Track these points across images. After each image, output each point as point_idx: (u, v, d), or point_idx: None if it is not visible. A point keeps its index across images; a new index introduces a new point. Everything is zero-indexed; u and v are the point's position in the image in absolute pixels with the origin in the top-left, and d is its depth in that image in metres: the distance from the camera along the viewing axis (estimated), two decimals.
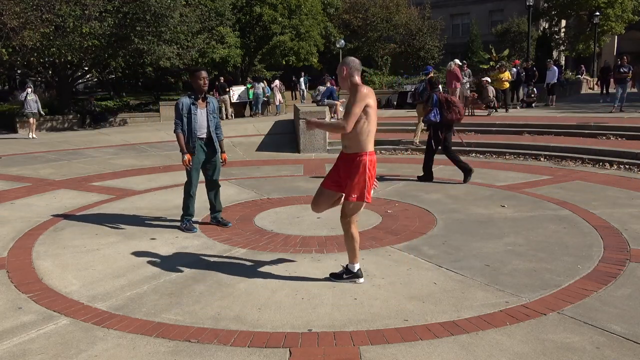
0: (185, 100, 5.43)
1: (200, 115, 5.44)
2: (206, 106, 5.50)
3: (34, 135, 15.40)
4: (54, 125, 18.50)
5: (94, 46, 16.27)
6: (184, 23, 18.13)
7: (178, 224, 5.79)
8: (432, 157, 8.12)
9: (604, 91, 20.63)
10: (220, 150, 5.70)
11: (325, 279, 4.10)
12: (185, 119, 5.39)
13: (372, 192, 3.94)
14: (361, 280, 4.06)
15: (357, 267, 4.06)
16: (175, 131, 5.47)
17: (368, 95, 3.76)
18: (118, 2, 16.54)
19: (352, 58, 3.96)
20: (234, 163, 10.09)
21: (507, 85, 16.14)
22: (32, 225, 5.90)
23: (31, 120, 15.47)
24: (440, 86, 10.28)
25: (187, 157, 5.41)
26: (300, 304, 3.67)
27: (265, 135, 14.38)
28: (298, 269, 4.34)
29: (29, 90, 15.80)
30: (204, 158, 5.57)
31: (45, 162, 10.60)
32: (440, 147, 8.10)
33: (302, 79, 29.21)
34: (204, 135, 5.51)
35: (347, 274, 4.07)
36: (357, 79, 3.89)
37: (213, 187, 5.76)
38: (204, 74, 5.36)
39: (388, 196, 7.04)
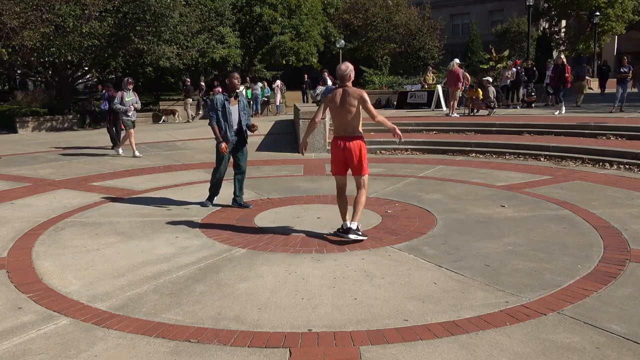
0: (219, 97, 6.28)
1: (234, 111, 6.29)
2: (237, 103, 6.33)
3: (138, 153, 11.23)
4: (54, 125, 18.51)
5: (94, 46, 16.28)
6: (183, 23, 18.14)
7: (178, 224, 5.82)
8: (112, 133, 12.09)
9: (557, 100, 14.73)
10: (248, 135, 6.49)
11: (325, 279, 4.11)
12: (219, 113, 6.22)
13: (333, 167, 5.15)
14: (364, 237, 5.02)
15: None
16: (210, 124, 6.33)
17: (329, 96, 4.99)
18: (118, 2, 16.54)
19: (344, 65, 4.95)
20: None
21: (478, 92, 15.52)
22: (32, 225, 5.90)
23: (132, 131, 11.18)
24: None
25: (224, 145, 6.24)
26: (300, 304, 3.67)
27: (265, 135, 14.37)
28: (298, 269, 4.34)
29: (130, 87, 11.20)
30: (234, 147, 6.39)
31: (45, 162, 10.60)
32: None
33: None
34: (235, 127, 6.33)
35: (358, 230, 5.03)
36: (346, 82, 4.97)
37: (240, 173, 6.53)
38: (237, 75, 6.30)
39: (388, 196, 7.04)
